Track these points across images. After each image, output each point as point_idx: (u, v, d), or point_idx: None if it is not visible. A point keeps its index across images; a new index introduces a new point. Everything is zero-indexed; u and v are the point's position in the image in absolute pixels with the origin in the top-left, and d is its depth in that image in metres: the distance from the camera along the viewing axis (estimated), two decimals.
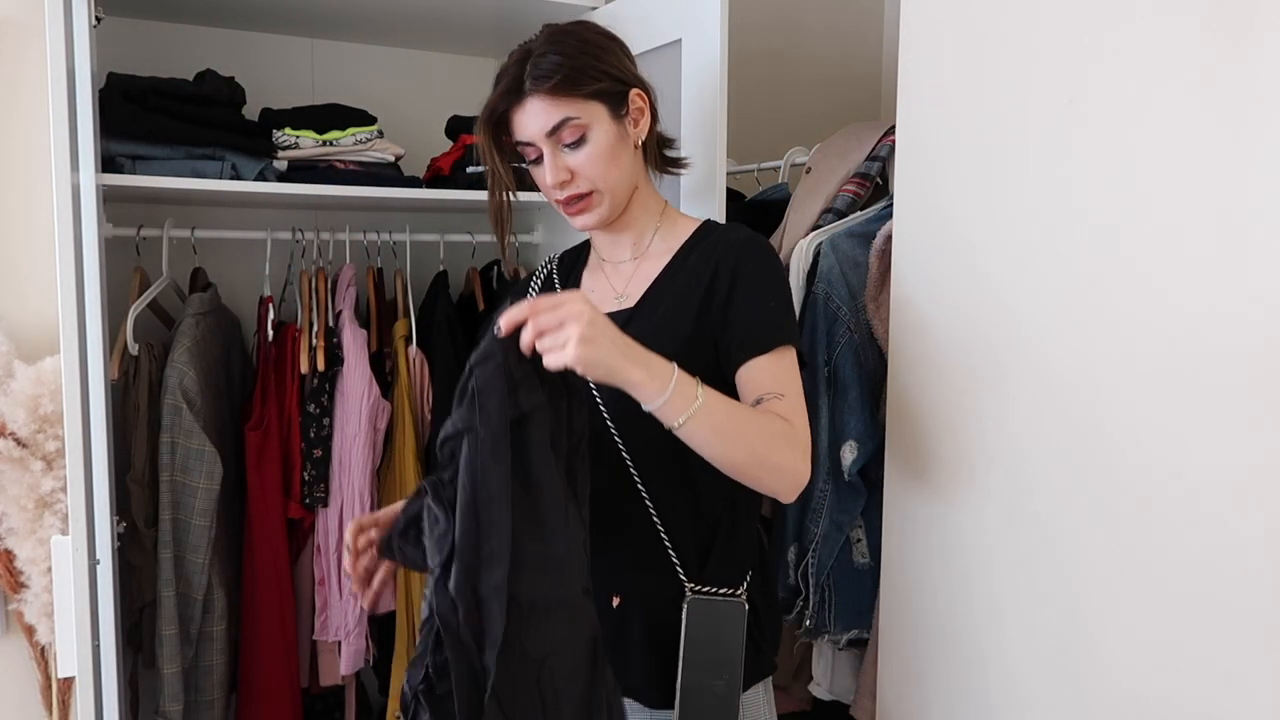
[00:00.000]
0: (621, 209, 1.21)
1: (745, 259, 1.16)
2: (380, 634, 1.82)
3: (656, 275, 1.21)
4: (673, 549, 1.14)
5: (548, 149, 1.15)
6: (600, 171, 1.15)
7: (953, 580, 1.30)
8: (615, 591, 1.17)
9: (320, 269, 1.82)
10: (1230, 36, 0.95)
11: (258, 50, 1.97)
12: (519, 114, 1.15)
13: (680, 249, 1.21)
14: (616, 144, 1.16)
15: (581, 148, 1.14)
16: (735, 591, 1.16)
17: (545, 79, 1.12)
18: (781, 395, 1.08)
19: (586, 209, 1.18)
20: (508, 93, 1.15)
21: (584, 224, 1.20)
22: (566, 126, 1.13)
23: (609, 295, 1.24)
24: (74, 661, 1.34)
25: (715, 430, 1.00)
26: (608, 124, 1.15)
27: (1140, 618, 1.06)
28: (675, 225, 1.25)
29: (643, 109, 1.19)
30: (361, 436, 1.73)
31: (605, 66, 1.16)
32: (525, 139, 1.16)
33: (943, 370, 1.29)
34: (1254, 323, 0.94)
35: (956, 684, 1.30)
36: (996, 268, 1.21)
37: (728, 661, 1.12)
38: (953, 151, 1.27)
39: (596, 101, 1.14)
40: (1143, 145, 1.03)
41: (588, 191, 1.16)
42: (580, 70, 1.13)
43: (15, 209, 1.68)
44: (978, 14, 1.22)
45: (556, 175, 1.15)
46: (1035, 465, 1.17)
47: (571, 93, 1.12)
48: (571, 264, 1.35)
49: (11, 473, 1.50)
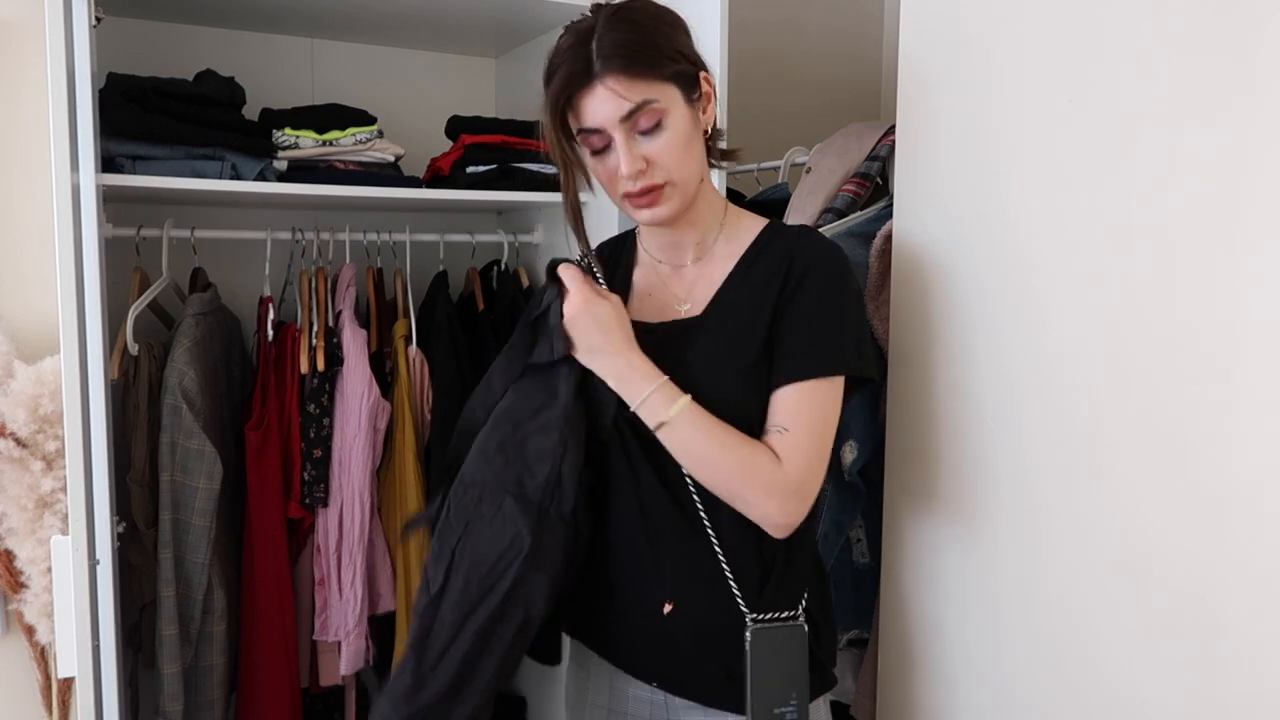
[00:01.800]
0: (690, 203, 1.12)
1: (813, 273, 1.10)
2: (380, 634, 1.82)
3: (722, 281, 1.14)
4: (734, 580, 1.11)
5: (621, 136, 1.04)
6: (676, 160, 1.06)
7: (952, 580, 1.30)
8: (669, 600, 1.13)
9: (320, 269, 1.82)
10: (1231, 36, 0.95)
11: (258, 50, 1.97)
12: (587, 99, 1.04)
13: (746, 252, 1.15)
14: (691, 131, 1.08)
15: (658, 134, 1.05)
16: (794, 613, 1.13)
17: (618, 58, 1.02)
18: (785, 430, 1.06)
19: (658, 202, 1.08)
20: (576, 75, 1.03)
21: (654, 218, 1.10)
22: (644, 111, 1.03)
23: (670, 300, 1.17)
24: (74, 661, 1.34)
25: (692, 445, 1.05)
26: (683, 109, 1.06)
27: (1141, 618, 1.06)
28: (739, 226, 1.18)
29: (710, 94, 1.11)
30: (361, 436, 1.73)
31: (678, 44, 1.07)
32: (594, 125, 1.05)
33: (943, 370, 1.29)
34: (1255, 322, 0.94)
35: (956, 684, 1.30)
36: (996, 267, 1.21)
37: (794, 685, 1.10)
38: (953, 151, 1.27)
39: (672, 84, 1.05)
40: (1143, 145, 1.03)
41: (662, 183, 1.07)
42: (656, 48, 1.04)
43: (15, 209, 1.68)
44: (977, 14, 1.22)
45: (633, 164, 1.04)
46: (1036, 465, 1.17)
47: (648, 73, 1.03)
48: (614, 258, 1.26)
49: (11, 473, 1.50)
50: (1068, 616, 1.14)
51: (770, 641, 1.10)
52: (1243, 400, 0.95)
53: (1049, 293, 1.14)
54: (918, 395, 1.33)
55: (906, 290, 1.34)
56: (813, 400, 1.07)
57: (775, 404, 1.08)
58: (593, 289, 1.11)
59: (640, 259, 1.23)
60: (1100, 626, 1.10)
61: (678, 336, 1.13)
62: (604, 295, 1.11)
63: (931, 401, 1.31)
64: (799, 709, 1.10)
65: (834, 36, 2.47)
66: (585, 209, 1.83)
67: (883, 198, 1.55)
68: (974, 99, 1.23)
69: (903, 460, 1.37)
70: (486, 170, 1.83)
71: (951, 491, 1.29)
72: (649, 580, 1.14)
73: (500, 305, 1.98)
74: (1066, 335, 1.12)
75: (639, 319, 1.18)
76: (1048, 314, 1.15)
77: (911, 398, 1.34)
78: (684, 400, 1.05)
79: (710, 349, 1.10)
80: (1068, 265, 1.12)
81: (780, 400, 1.07)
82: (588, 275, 1.15)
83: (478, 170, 1.82)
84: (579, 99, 1.05)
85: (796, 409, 1.07)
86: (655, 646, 1.14)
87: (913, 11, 1.32)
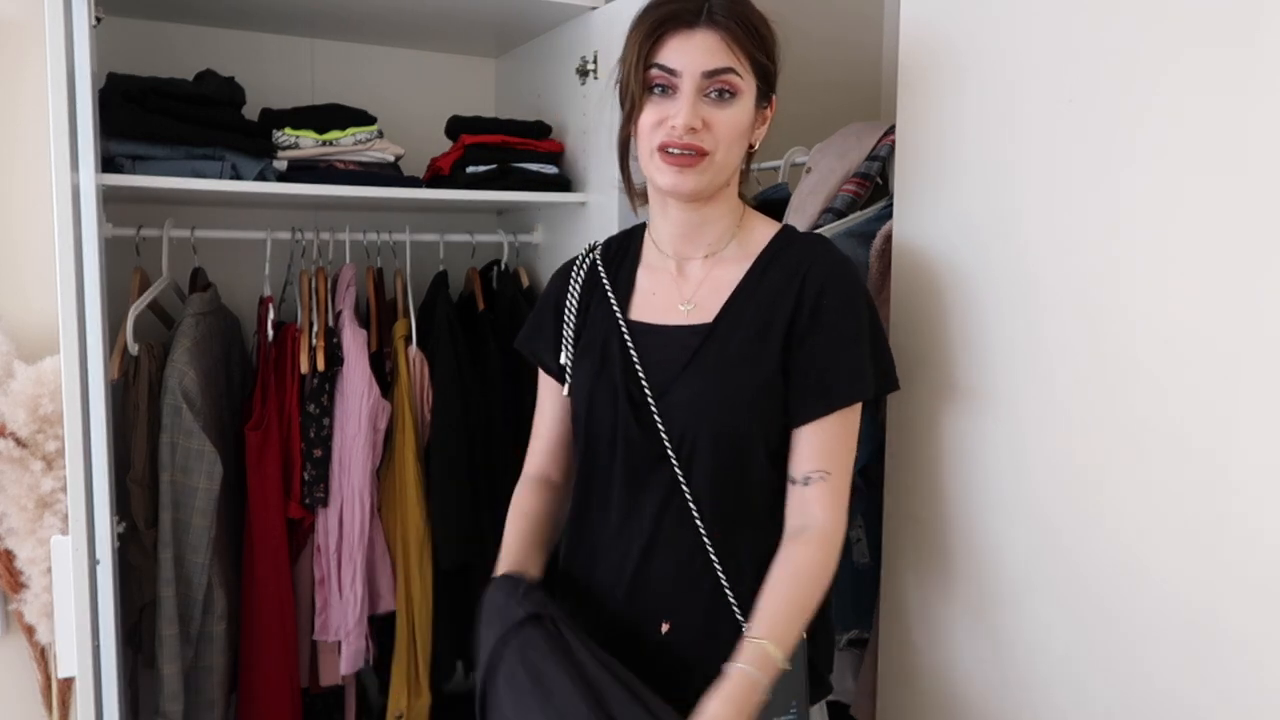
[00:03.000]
0: (713, 193, 1.13)
1: (828, 296, 1.10)
2: (380, 634, 1.82)
3: (734, 287, 1.14)
4: (730, 587, 1.11)
5: (691, 88, 1.05)
6: (728, 139, 1.07)
7: (952, 580, 1.30)
8: (666, 619, 1.13)
9: (320, 269, 1.82)
10: (1231, 35, 0.95)
11: (258, 50, 1.97)
12: (681, 39, 1.05)
13: (758, 258, 1.15)
14: (747, 126, 1.10)
15: (727, 106, 1.06)
16: None
17: (732, 21, 1.05)
18: (826, 475, 1.08)
19: (693, 167, 1.07)
20: (682, 14, 1.05)
21: (679, 184, 1.08)
22: (727, 76, 1.05)
23: (673, 301, 1.16)
24: (74, 661, 1.34)
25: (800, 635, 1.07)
26: (750, 103, 1.10)
27: (1144, 618, 1.06)
28: (753, 230, 1.18)
29: (768, 117, 1.15)
30: (361, 436, 1.73)
31: (774, 53, 1.12)
32: (674, 66, 1.05)
33: (943, 370, 1.29)
34: (1259, 322, 0.94)
35: (956, 684, 1.30)
36: (996, 267, 1.21)
37: (794, 694, 1.10)
38: (953, 151, 1.27)
39: (755, 77, 1.09)
40: (1143, 145, 1.03)
41: (708, 150, 1.06)
42: (762, 38, 1.09)
43: (15, 209, 1.68)
44: (977, 14, 1.22)
45: (691, 117, 1.04)
46: (1036, 466, 1.17)
47: (747, 50, 1.06)
48: (619, 257, 1.25)
49: (11, 473, 1.50)
50: (1068, 616, 1.14)
51: None
52: (1247, 400, 0.95)
53: (1049, 292, 1.14)
54: (918, 395, 1.33)
55: (906, 290, 1.34)
56: (843, 431, 1.10)
57: (809, 442, 1.09)
58: None
59: (645, 257, 1.22)
60: (1102, 626, 1.10)
61: (685, 341, 1.13)
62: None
63: (932, 401, 1.31)
64: (799, 716, 1.09)
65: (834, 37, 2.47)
66: (585, 209, 1.85)
67: (883, 198, 1.55)
68: (974, 99, 1.23)
69: (903, 460, 1.37)
70: (486, 170, 1.83)
71: (951, 491, 1.29)
72: (646, 601, 1.13)
73: (500, 305, 1.98)
74: (1067, 334, 1.12)
75: (641, 318, 1.18)
76: (1048, 313, 1.14)
77: (912, 398, 1.34)
78: (766, 645, 1.03)
79: (722, 359, 1.11)
80: (1068, 264, 1.12)
81: (812, 438, 1.09)
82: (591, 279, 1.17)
83: (478, 170, 1.82)
84: (673, 36, 1.06)
85: (832, 447, 1.09)
86: (650, 673, 1.12)
87: (913, 12, 1.32)
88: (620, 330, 1.17)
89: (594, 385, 1.16)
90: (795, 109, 2.43)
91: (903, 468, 1.37)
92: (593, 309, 1.22)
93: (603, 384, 1.15)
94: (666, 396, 1.12)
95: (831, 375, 1.09)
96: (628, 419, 1.12)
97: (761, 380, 1.09)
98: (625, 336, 1.16)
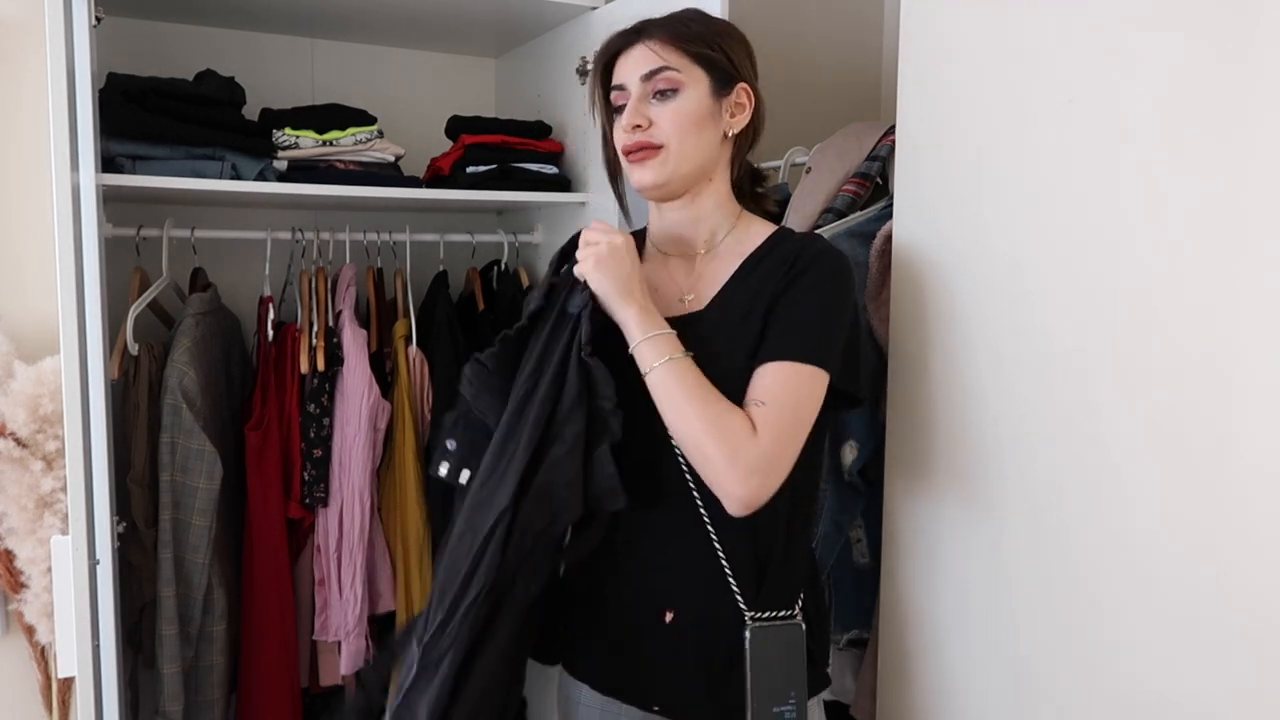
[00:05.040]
0: (685, 186, 1.16)
1: (812, 269, 1.12)
2: (380, 634, 1.82)
3: (727, 279, 1.16)
4: (732, 574, 1.11)
5: (635, 93, 1.14)
6: (678, 130, 1.12)
7: (953, 580, 1.30)
8: (668, 607, 1.14)
9: (320, 269, 1.82)
10: (1232, 34, 0.95)
11: (258, 50, 1.97)
12: (623, 59, 1.16)
13: (752, 254, 1.17)
14: (705, 117, 1.14)
15: (669, 101, 1.13)
16: (791, 612, 1.13)
17: (663, 28, 1.14)
18: (763, 403, 1.05)
19: (648, 160, 1.14)
20: (622, 37, 1.16)
21: (641, 178, 1.15)
22: (662, 75, 1.12)
23: (673, 294, 1.20)
24: (74, 661, 1.34)
25: (670, 395, 1.06)
26: (705, 94, 1.14)
27: (1142, 618, 1.06)
28: (749, 230, 1.21)
29: (744, 105, 1.18)
30: (361, 436, 1.73)
31: (724, 45, 1.15)
32: (620, 82, 1.16)
33: (942, 370, 1.29)
34: (1255, 321, 0.94)
35: (956, 684, 1.30)
36: (996, 268, 1.21)
37: (793, 684, 1.11)
38: (953, 151, 1.27)
39: (700, 67, 1.13)
40: (1143, 145, 1.03)
41: (657, 145, 1.13)
42: (697, 35, 1.14)
43: (15, 209, 1.68)
44: (977, 14, 1.22)
45: (633, 118, 1.13)
46: (1036, 465, 1.17)
47: (680, 46, 1.13)
48: None
49: (11, 473, 1.50)
50: (1068, 616, 1.14)
51: (769, 641, 1.11)
52: (1242, 397, 0.95)
53: (1049, 292, 1.14)
54: (918, 395, 1.33)
55: (906, 290, 1.34)
56: (793, 382, 1.07)
57: (755, 380, 1.08)
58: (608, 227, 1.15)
59: (648, 255, 1.26)
60: (1101, 626, 1.10)
61: (681, 330, 1.14)
62: (619, 231, 1.15)
63: (931, 401, 1.31)
64: (798, 707, 1.10)
65: (834, 37, 2.47)
66: (585, 209, 1.85)
67: (883, 198, 1.55)
68: (974, 99, 1.23)
69: (903, 460, 1.37)
70: (486, 170, 1.83)
71: (951, 492, 1.29)
72: (648, 589, 1.14)
73: (500, 305, 1.98)
74: (1066, 334, 1.12)
75: None
76: (1048, 313, 1.14)
77: (911, 397, 1.34)
78: (679, 354, 1.08)
79: (710, 343, 1.11)
80: (1067, 265, 1.12)
81: (760, 376, 1.08)
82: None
83: (478, 170, 1.82)
84: (618, 59, 1.17)
85: (775, 386, 1.06)
86: (653, 665, 1.14)
87: (912, 12, 1.32)
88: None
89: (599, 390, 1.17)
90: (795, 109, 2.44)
91: (902, 468, 1.37)
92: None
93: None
94: None
95: (795, 331, 1.09)
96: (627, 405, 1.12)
97: (745, 362, 1.09)
98: None
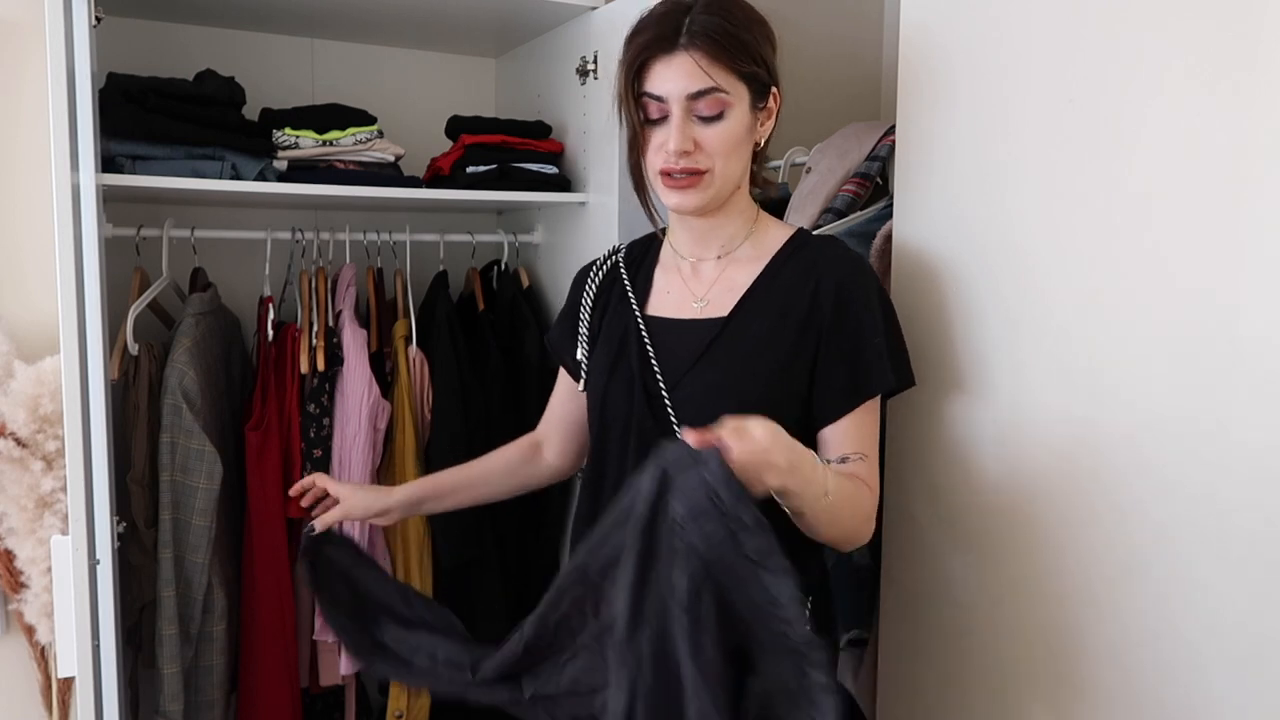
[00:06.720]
0: (721, 203, 1.15)
1: (844, 292, 1.11)
2: None
3: (748, 286, 1.15)
4: None
5: (679, 112, 1.07)
6: (724, 154, 1.09)
7: (952, 580, 1.30)
8: None
9: (320, 269, 1.82)
10: (1232, 34, 0.95)
11: (258, 50, 1.97)
12: (662, 65, 1.07)
13: (773, 259, 1.16)
14: (745, 135, 1.11)
15: (716, 124, 1.07)
16: None
17: (707, 39, 1.05)
18: (864, 456, 1.09)
19: (693, 187, 1.09)
20: (660, 40, 1.06)
21: (682, 203, 1.11)
22: (711, 96, 1.06)
23: (687, 298, 1.19)
24: (74, 661, 1.34)
25: (829, 516, 1.00)
26: (746, 111, 1.10)
27: (1143, 617, 1.06)
28: (767, 233, 1.20)
29: (773, 111, 1.15)
30: (361, 436, 1.73)
31: (763, 51, 1.10)
32: (660, 93, 1.07)
33: (943, 370, 1.29)
34: (1258, 319, 0.94)
35: (956, 684, 1.30)
36: (996, 268, 1.21)
37: None
38: (953, 151, 1.27)
39: (744, 84, 1.08)
40: (1143, 145, 1.03)
41: (704, 170, 1.09)
42: (743, 45, 1.07)
43: (15, 209, 1.68)
44: (977, 14, 1.22)
45: (682, 142, 1.06)
46: (1036, 466, 1.17)
47: (728, 64, 1.06)
48: (640, 258, 1.28)
49: (11, 473, 1.50)
50: (1067, 616, 1.14)
51: None
52: (1246, 397, 0.95)
53: (1050, 291, 1.14)
54: (918, 395, 1.32)
55: (906, 290, 1.34)
56: (873, 419, 1.12)
57: (849, 428, 1.10)
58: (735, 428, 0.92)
59: (663, 258, 1.26)
60: (1101, 626, 1.10)
61: (701, 334, 1.15)
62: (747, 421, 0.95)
63: (931, 401, 1.31)
64: None
65: (834, 37, 2.47)
66: (585, 209, 1.85)
67: (883, 198, 1.55)
68: (974, 99, 1.23)
69: (903, 460, 1.37)
70: (486, 170, 1.83)
71: (951, 492, 1.29)
72: None
73: (500, 305, 1.98)
74: (1067, 333, 1.12)
75: (657, 314, 1.21)
76: (1049, 312, 1.14)
77: (912, 397, 1.34)
78: (831, 474, 1.00)
79: (734, 353, 1.12)
80: (1068, 264, 1.12)
81: (853, 426, 1.10)
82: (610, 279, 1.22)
83: (478, 170, 1.82)
84: (655, 63, 1.07)
85: (866, 433, 1.10)
86: None
87: (912, 12, 1.32)
88: (637, 324, 1.20)
89: (610, 375, 1.19)
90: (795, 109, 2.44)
91: (902, 467, 1.37)
92: (611, 306, 1.25)
93: (619, 374, 1.18)
94: (679, 388, 1.14)
95: (857, 371, 1.11)
96: (642, 409, 1.14)
97: (771, 373, 1.10)
98: (642, 330, 1.19)
